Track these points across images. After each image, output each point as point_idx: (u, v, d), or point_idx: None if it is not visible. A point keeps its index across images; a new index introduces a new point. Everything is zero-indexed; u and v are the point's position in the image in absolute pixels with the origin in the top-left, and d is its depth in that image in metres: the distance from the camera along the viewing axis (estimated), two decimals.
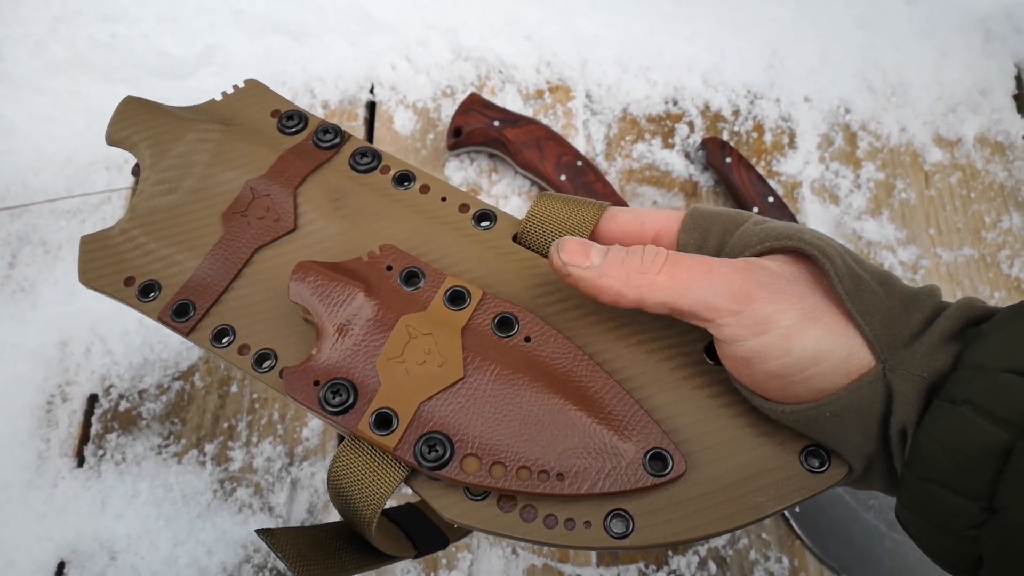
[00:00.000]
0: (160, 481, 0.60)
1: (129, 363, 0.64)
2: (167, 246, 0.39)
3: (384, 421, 0.33)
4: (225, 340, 0.37)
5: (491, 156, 0.74)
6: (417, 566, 0.59)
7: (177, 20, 0.80)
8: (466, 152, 0.74)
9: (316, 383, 0.33)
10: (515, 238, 0.38)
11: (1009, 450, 0.26)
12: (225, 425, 0.63)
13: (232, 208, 0.40)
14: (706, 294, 0.30)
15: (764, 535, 0.62)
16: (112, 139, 0.43)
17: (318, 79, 0.77)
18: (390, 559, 0.37)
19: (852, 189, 0.76)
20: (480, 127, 0.71)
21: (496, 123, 0.71)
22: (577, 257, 0.32)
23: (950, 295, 0.71)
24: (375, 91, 0.77)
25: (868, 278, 0.31)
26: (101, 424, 0.62)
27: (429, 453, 0.32)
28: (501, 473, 0.32)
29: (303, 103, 0.76)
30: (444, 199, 0.40)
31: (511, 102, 0.77)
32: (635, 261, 0.32)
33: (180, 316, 0.37)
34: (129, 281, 0.39)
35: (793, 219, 0.71)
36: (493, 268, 0.37)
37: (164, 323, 0.37)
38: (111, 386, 0.64)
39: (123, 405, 0.63)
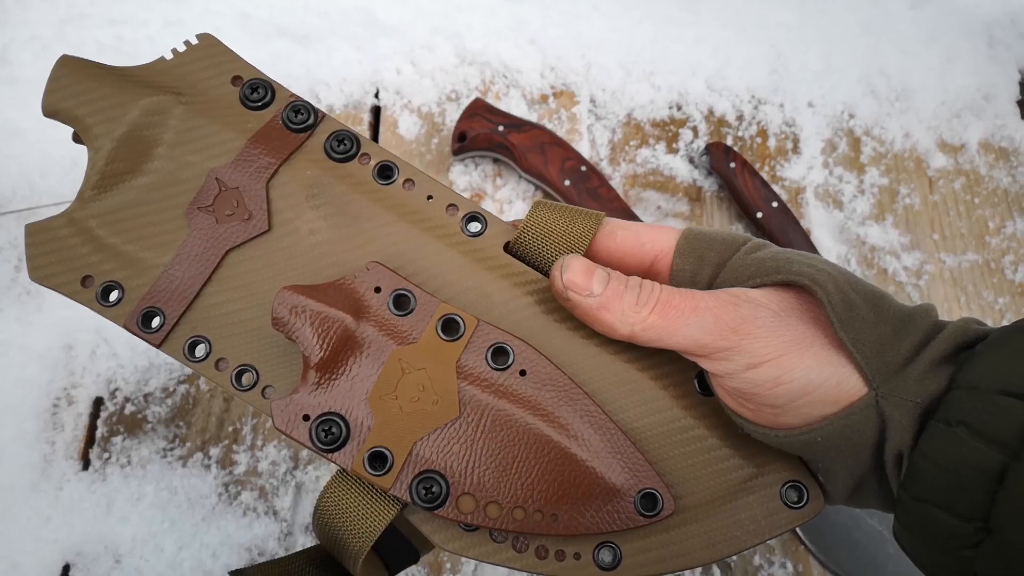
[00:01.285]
0: (165, 484, 0.60)
1: (134, 366, 0.64)
2: (125, 242, 0.35)
3: (379, 459, 0.32)
4: (199, 352, 0.34)
5: (495, 161, 0.74)
6: (422, 570, 0.59)
7: (183, 23, 0.80)
8: (471, 157, 0.74)
9: (306, 417, 0.32)
10: (507, 246, 0.36)
11: (1004, 471, 0.26)
12: (230, 429, 0.63)
13: (196, 201, 0.36)
14: (694, 332, 0.31)
15: (769, 540, 0.62)
16: (49, 109, 0.36)
17: (323, 83, 0.77)
18: None
19: (856, 194, 0.76)
20: (484, 132, 0.71)
21: (500, 128, 0.71)
22: (580, 283, 0.32)
23: (954, 300, 0.71)
24: (380, 95, 0.78)
25: (860, 302, 0.31)
26: (106, 427, 0.63)
27: (425, 494, 0.31)
28: (496, 513, 0.32)
29: None
30: (430, 197, 0.37)
31: (516, 107, 0.77)
32: (631, 298, 0.32)
33: (147, 325, 0.34)
34: (87, 281, 0.35)
35: (797, 224, 0.71)
36: (483, 285, 0.35)
37: (132, 332, 0.34)
38: (116, 389, 0.64)
39: (128, 408, 0.63)
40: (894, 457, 0.30)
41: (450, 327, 0.33)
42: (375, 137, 0.76)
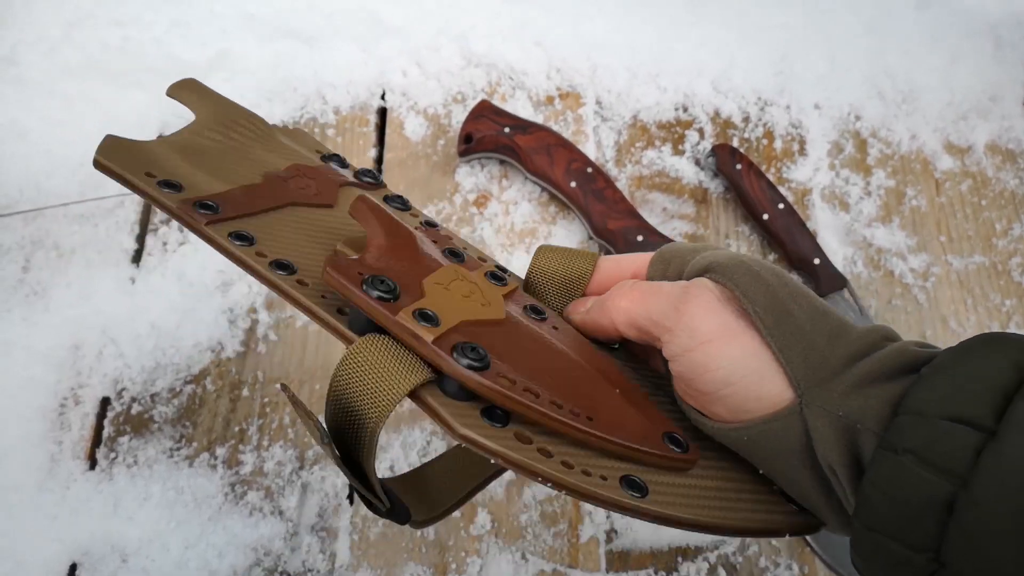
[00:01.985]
0: (172, 484, 0.60)
1: (141, 366, 0.64)
2: (199, 168, 0.37)
3: (426, 317, 0.30)
4: (242, 243, 0.34)
5: (502, 162, 0.74)
6: (427, 571, 0.59)
7: (189, 25, 0.80)
8: (477, 158, 0.74)
9: (360, 274, 0.31)
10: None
11: (952, 501, 0.25)
12: (236, 429, 0.63)
13: (275, 173, 0.40)
14: (652, 311, 0.34)
15: (774, 542, 0.62)
16: (175, 94, 0.43)
17: (329, 85, 0.77)
18: (366, 496, 0.34)
19: (862, 196, 0.76)
20: (490, 134, 0.71)
21: (506, 130, 0.71)
22: (576, 306, 0.40)
23: (961, 303, 0.71)
24: (386, 97, 0.78)
25: (799, 311, 0.32)
26: (113, 427, 0.63)
27: (470, 354, 0.29)
28: (533, 398, 0.30)
29: (315, 109, 0.77)
30: (464, 248, 0.43)
31: (521, 108, 0.77)
32: (608, 295, 0.37)
33: (202, 208, 0.34)
34: (150, 175, 0.35)
35: (803, 226, 0.71)
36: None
37: (181, 214, 0.34)
38: (123, 389, 0.64)
39: (135, 408, 0.63)
40: (829, 469, 0.30)
41: (497, 277, 0.37)
42: (381, 139, 0.76)
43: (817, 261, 0.69)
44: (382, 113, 0.78)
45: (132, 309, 0.66)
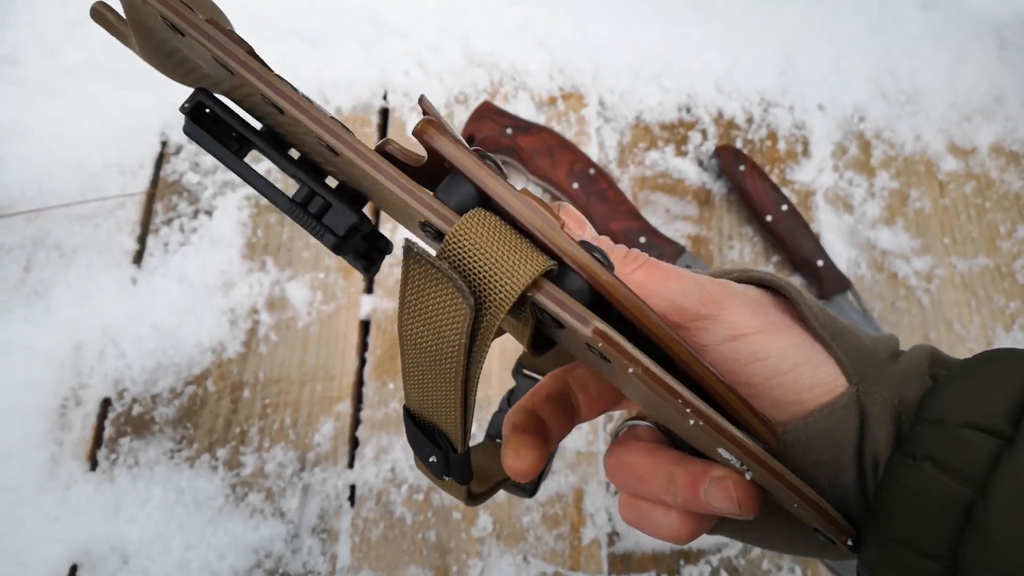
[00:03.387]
0: (172, 485, 0.60)
1: (142, 367, 0.64)
2: None
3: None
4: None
5: (504, 163, 0.74)
6: (428, 573, 0.59)
7: None
8: None
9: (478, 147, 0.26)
10: None
11: (970, 507, 0.25)
12: (237, 430, 0.63)
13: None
14: (676, 295, 0.30)
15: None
16: None
17: (331, 84, 0.77)
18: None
19: (866, 198, 0.75)
20: (492, 135, 0.71)
21: (508, 131, 0.71)
22: (574, 226, 0.31)
23: (965, 305, 0.71)
24: (388, 97, 0.77)
25: (835, 318, 0.32)
26: (114, 428, 0.63)
27: (595, 251, 0.24)
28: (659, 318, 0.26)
29: None
30: None
31: (524, 109, 0.77)
32: (620, 253, 0.31)
33: None
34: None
35: (807, 227, 0.70)
36: None
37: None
38: (124, 390, 0.64)
39: (136, 409, 0.63)
40: (871, 463, 0.29)
41: None
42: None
43: (821, 263, 0.69)
44: (384, 113, 0.78)
45: (133, 310, 0.66)
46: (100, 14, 0.29)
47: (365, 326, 0.68)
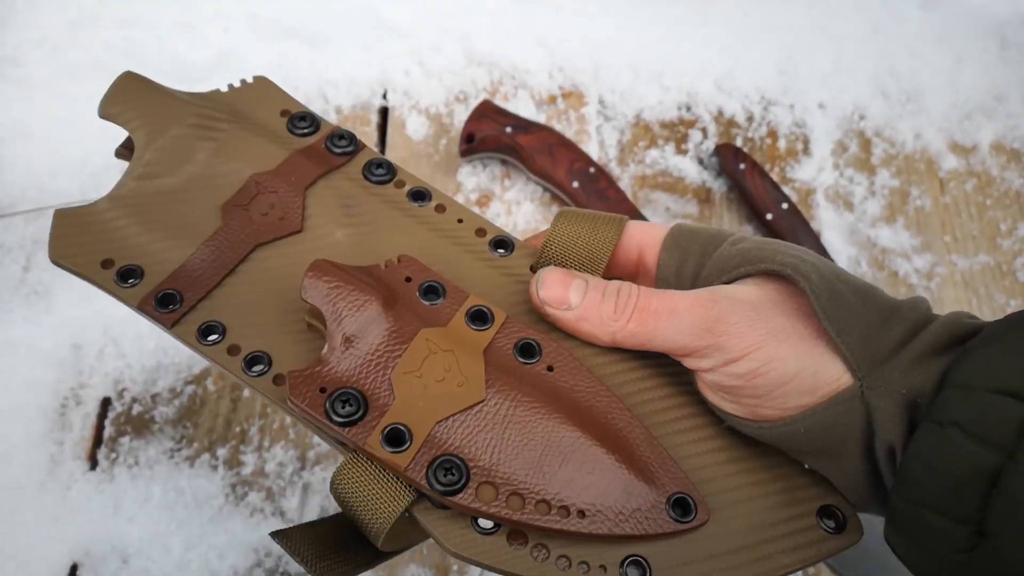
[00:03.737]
0: (172, 485, 0.60)
1: (142, 367, 0.64)
2: (155, 231, 0.36)
3: (396, 438, 0.30)
4: (212, 337, 0.33)
5: (504, 162, 0.74)
6: (428, 572, 0.59)
7: (192, 25, 0.80)
8: (479, 158, 0.74)
9: (322, 390, 0.30)
10: (533, 268, 0.37)
11: (998, 472, 0.26)
12: (237, 429, 0.63)
13: (234, 200, 0.37)
14: (672, 335, 0.31)
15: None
16: (105, 112, 0.40)
17: (331, 84, 0.77)
18: (399, 552, 0.36)
19: (867, 196, 0.75)
20: (492, 134, 0.71)
21: (508, 129, 0.71)
22: (556, 297, 0.33)
23: (966, 303, 0.71)
24: (388, 96, 0.77)
25: (847, 291, 0.31)
26: (114, 427, 0.63)
27: (443, 477, 0.29)
28: (518, 504, 0.29)
29: (316, 108, 0.77)
30: (460, 221, 0.38)
31: (524, 108, 0.77)
32: (608, 307, 0.33)
33: (163, 306, 0.34)
34: (107, 264, 0.35)
35: (807, 226, 0.70)
36: (510, 295, 0.35)
37: (145, 312, 0.34)
38: (124, 389, 0.64)
39: (136, 409, 0.63)
40: (886, 452, 0.29)
41: (479, 317, 0.33)
42: (383, 138, 0.76)
43: None
44: (384, 112, 0.78)
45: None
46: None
47: None
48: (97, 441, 0.62)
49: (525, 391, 0.31)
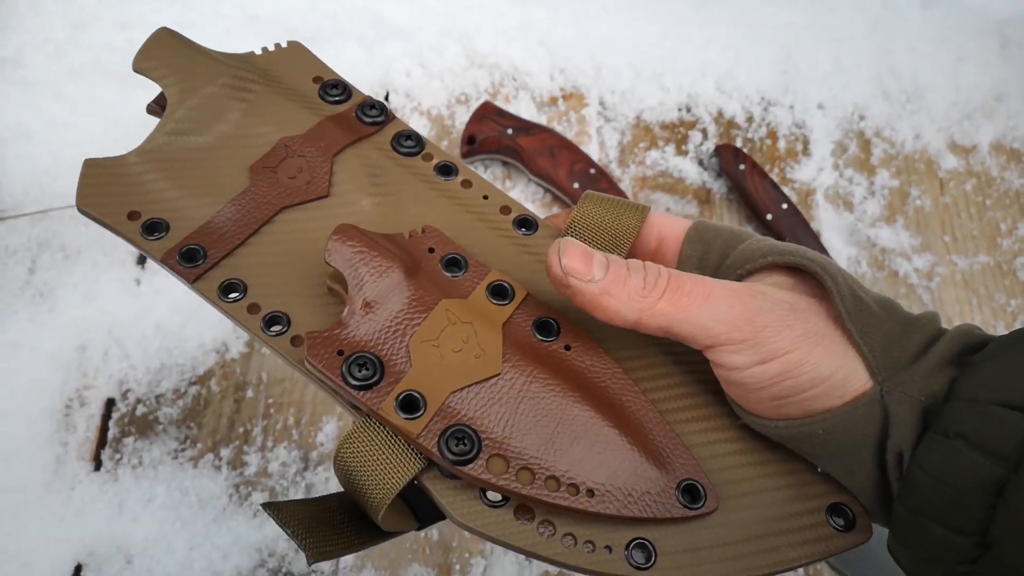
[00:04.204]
0: (176, 485, 0.61)
1: (146, 367, 0.65)
2: (183, 187, 0.36)
3: (410, 404, 0.30)
4: (233, 295, 0.34)
5: (505, 163, 0.75)
6: (431, 572, 0.59)
7: (193, 26, 0.80)
8: (480, 159, 0.74)
9: (340, 353, 0.30)
10: None
11: (1002, 485, 0.26)
12: (240, 430, 0.63)
13: (262, 162, 0.37)
14: (705, 320, 0.30)
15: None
16: (139, 66, 0.40)
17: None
18: (393, 535, 0.36)
19: (866, 196, 0.76)
20: (493, 135, 0.71)
21: (509, 131, 0.71)
22: (579, 267, 0.30)
23: (966, 303, 0.71)
24: (389, 98, 0.78)
25: (869, 299, 0.31)
26: (118, 428, 0.63)
27: (455, 446, 0.29)
28: (528, 479, 0.29)
29: None
30: (486, 197, 0.38)
31: (525, 109, 0.77)
32: (637, 281, 0.30)
33: (187, 261, 0.34)
34: (134, 215, 0.35)
35: (807, 226, 0.70)
36: (531, 274, 0.35)
37: (168, 266, 0.34)
38: (128, 390, 0.64)
39: (140, 409, 0.64)
40: (895, 456, 0.29)
41: (500, 292, 0.33)
42: None
43: None
44: None
45: (137, 310, 0.67)
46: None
47: None
48: (101, 442, 0.63)
49: (541, 368, 0.31)
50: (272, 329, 0.33)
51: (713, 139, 0.77)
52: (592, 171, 0.71)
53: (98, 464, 0.62)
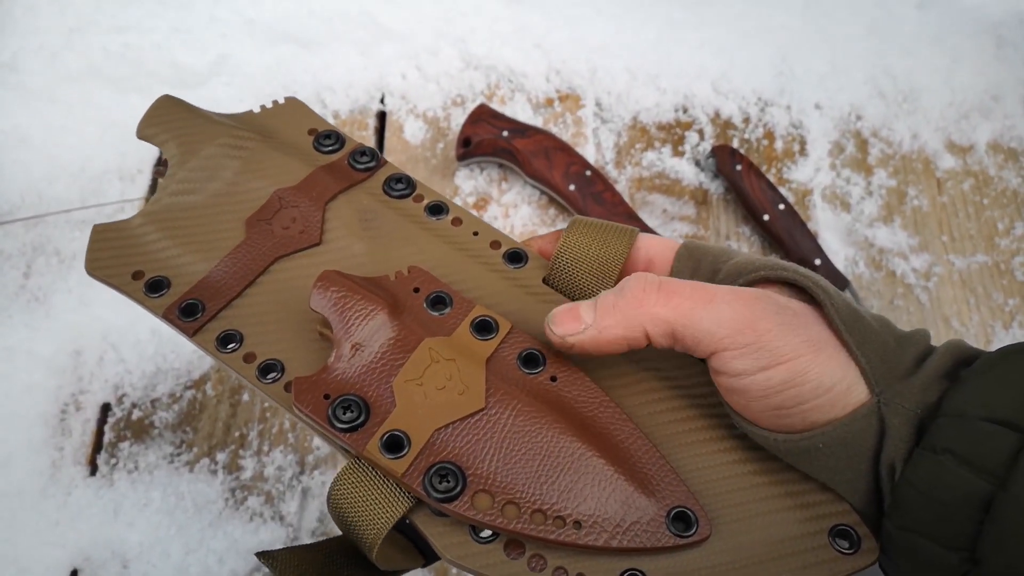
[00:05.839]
0: (172, 490, 0.60)
1: (142, 372, 0.65)
2: (183, 244, 0.38)
3: (395, 444, 0.30)
4: (231, 346, 0.35)
5: (501, 166, 0.74)
6: (428, 574, 0.59)
7: (189, 30, 0.80)
8: (476, 162, 0.74)
9: (326, 396, 0.31)
10: (545, 280, 0.37)
11: (989, 500, 0.26)
12: (236, 434, 0.63)
13: (257, 215, 0.39)
14: (709, 324, 0.29)
15: None
16: (143, 134, 0.42)
17: (328, 88, 0.78)
18: (396, 574, 0.36)
19: (864, 196, 0.75)
20: (489, 137, 0.71)
21: (505, 133, 0.71)
22: (571, 326, 0.31)
23: (963, 303, 0.71)
24: (385, 100, 0.78)
25: (864, 313, 0.31)
26: (114, 433, 0.63)
27: (440, 484, 0.29)
28: (514, 513, 0.29)
29: None
30: (476, 233, 0.39)
31: (521, 111, 0.77)
32: (628, 297, 0.30)
33: (187, 316, 0.36)
34: (138, 275, 0.37)
35: (804, 226, 0.70)
36: (522, 306, 0.36)
37: (169, 321, 0.36)
38: (124, 395, 0.64)
39: (136, 414, 0.63)
40: (887, 468, 0.29)
41: (484, 327, 0.34)
42: (381, 143, 0.77)
43: (818, 262, 0.69)
44: (381, 117, 0.78)
45: (132, 315, 0.66)
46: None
47: None
48: (97, 446, 0.63)
49: (526, 401, 0.32)
50: (267, 377, 0.35)
51: (710, 140, 0.77)
52: (588, 173, 0.71)
53: (94, 469, 0.62)
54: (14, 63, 0.78)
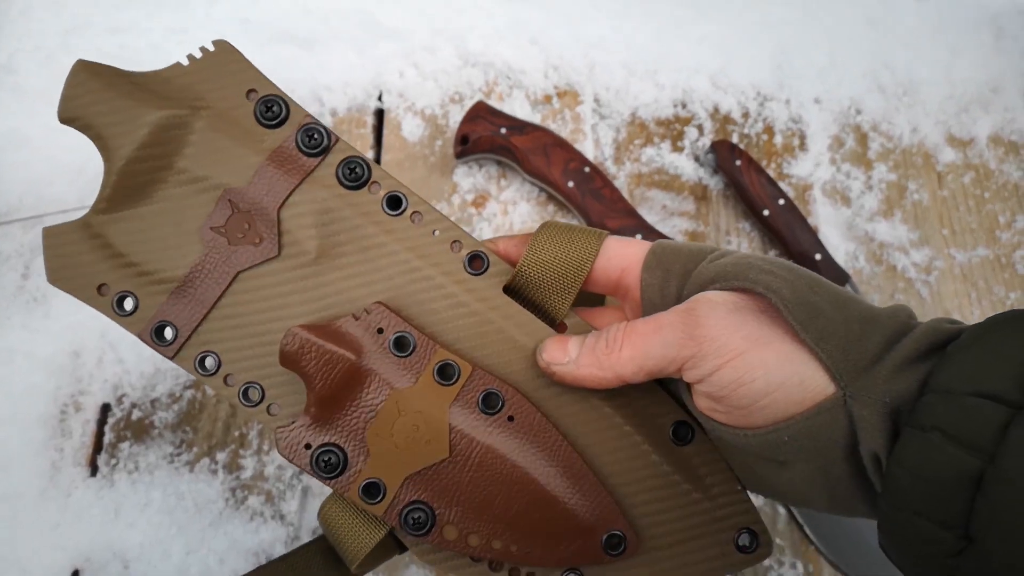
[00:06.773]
0: (172, 490, 0.60)
1: (141, 372, 0.64)
2: (140, 253, 0.36)
3: (372, 490, 0.35)
4: (210, 364, 0.37)
5: (499, 163, 0.74)
6: (422, 570, 0.59)
7: (185, 31, 0.80)
8: (474, 159, 0.74)
9: (308, 446, 0.35)
10: (507, 287, 0.38)
11: (980, 476, 0.26)
12: (236, 433, 0.63)
13: (210, 221, 0.37)
14: (660, 349, 0.33)
15: (778, 540, 0.61)
16: (64, 116, 0.37)
17: (326, 87, 0.77)
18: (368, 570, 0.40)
19: (864, 190, 0.75)
20: (487, 135, 0.71)
21: (503, 130, 0.71)
22: (556, 356, 0.36)
23: (965, 297, 0.71)
24: (383, 98, 0.77)
25: (824, 303, 0.31)
26: (114, 433, 0.63)
27: (413, 523, 0.35)
28: (476, 542, 0.35)
29: (311, 112, 0.77)
30: (435, 232, 0.38)
31: (519, 108, 0.77)
32: (601, 345, 0.34)
33: (160, 339, 0.36)
34: (103, 288, 0.36)
35: (804, 221, 0.70)
36: (480, 329, 0.38)
37: (146, 343, 0.37)
38: (123, 395, 0.64)
39: (135, 414, 0.63)
40: (871, 459, 0.29)
41: (446, 372, 0.36)
42: (379, 140, 0.76)
43: (819, 256, 0.69)
44: (379, 115, 0.78)
45: None
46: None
47: None
48: (97, 447, 0.63)
49: (486, 447, 0.36)
50: (249, 400, 0.37)
51: (709, 135, 0.77)
52: (587, 169, 0.70)
53: (94, 469, 0.62)
54: (11, 65, 0.77)
